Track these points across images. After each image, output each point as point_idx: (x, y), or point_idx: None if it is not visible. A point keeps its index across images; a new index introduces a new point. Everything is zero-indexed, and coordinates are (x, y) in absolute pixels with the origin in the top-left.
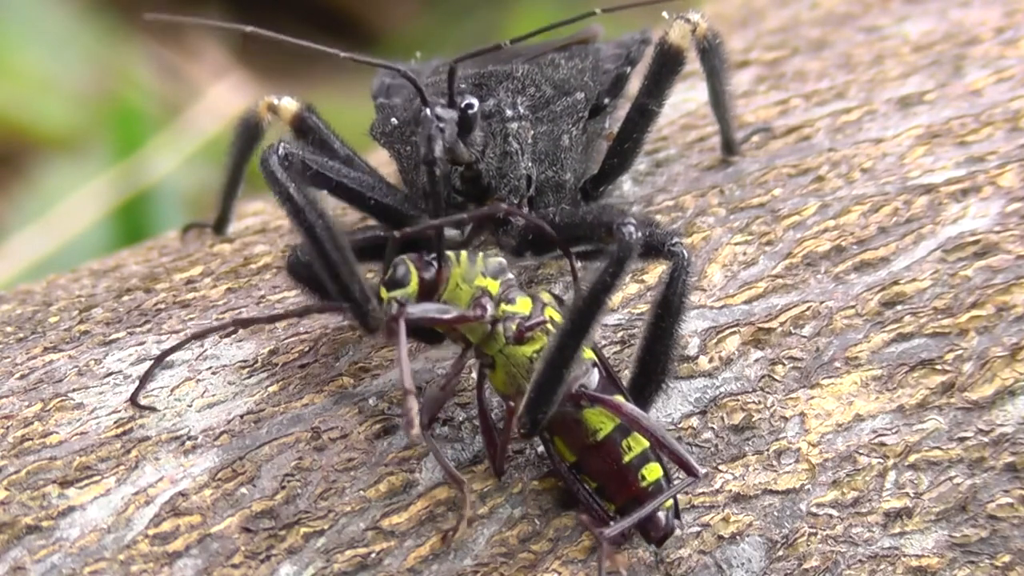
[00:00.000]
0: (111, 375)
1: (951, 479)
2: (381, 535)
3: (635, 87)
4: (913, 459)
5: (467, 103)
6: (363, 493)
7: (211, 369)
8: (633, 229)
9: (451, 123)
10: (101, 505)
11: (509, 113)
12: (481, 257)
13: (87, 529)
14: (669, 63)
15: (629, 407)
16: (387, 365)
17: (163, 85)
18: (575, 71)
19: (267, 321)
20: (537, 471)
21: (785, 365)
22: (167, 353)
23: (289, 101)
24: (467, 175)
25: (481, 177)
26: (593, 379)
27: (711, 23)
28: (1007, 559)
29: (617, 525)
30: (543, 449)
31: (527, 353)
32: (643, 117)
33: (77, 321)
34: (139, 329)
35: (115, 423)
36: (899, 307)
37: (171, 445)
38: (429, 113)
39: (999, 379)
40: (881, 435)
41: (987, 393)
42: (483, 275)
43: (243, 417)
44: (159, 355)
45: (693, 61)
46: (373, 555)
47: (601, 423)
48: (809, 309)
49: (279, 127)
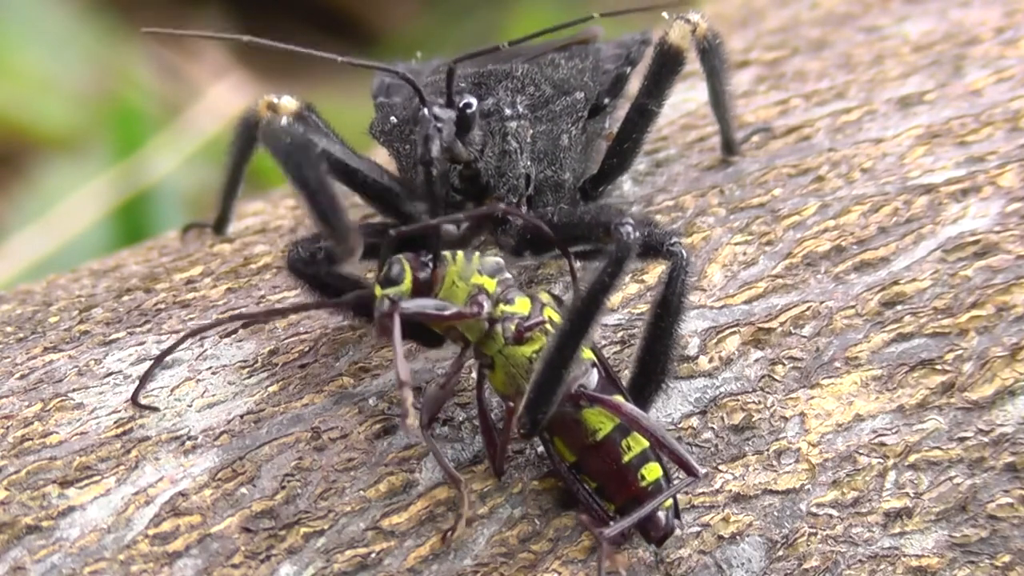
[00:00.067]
0: (111, 375)
1: (951, 479)
2: (381, 535)
3: (635, 87)
4: (913, 459)
5: (466, 102)
6: (363, 493)
7: (211, 369)
8: (631, 229)
9: (449, 123)
10: (101, 505)
11: (508, 112)
12: (477, 256)
13: (87, 529)
14: (669, 63)
15: (628, 407)
16: (387, 365)
17: (163, 85)
18: (575, 71)
19: (264, 317)
20: (537, 471)
21: (785, 365)
22: (166, 352)
23: (289, 100)
24: (466, 173)
25: (480, 176)
26: (592, 379)
27: (711, 23)
28: (1007, 559)
29: (616, 525)
30: (543, 449)
31: (526, 353)
32: (643, 117)
33: (77, 321)
34: (139, 329)
35: (115, 423)
36: (899, 307)
37: (171, 445)
38: (427, 113)
39: (999, 379)
40: (881, 435)
41: (987, 393)
42: (479, 273)
43: (243, 417)
44: (159, 355)
45: (693, 61)
46: (373, 555)
47: (600, 423)
48: (809, 309)
49: None
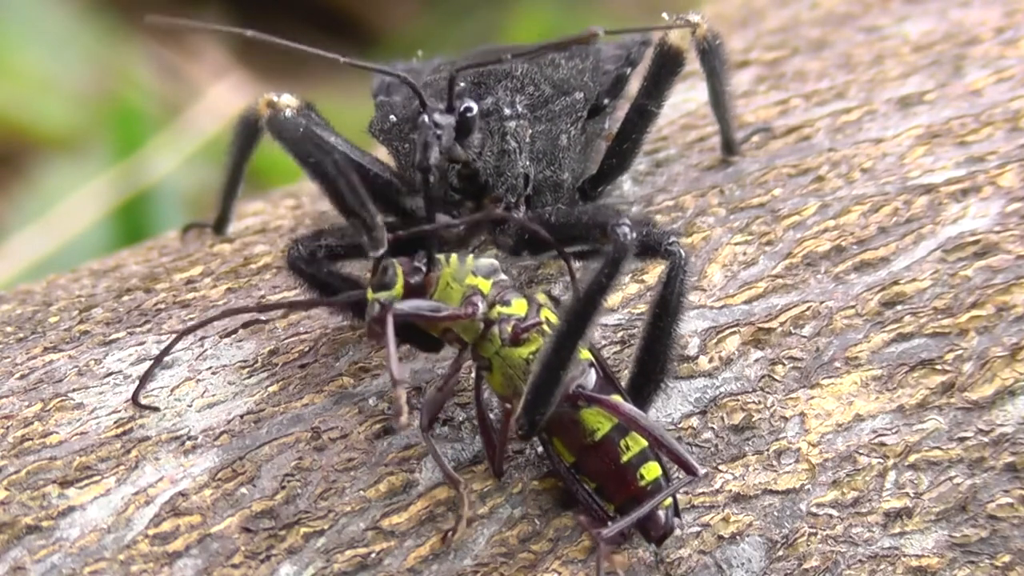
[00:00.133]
0: (111, 375)
1: (951, 479)
2: (381, 535)
3: (635, 88)
4: (913, 459)
5: (466, 107)
6: (363, 493)
7: (211, 369)
8: (628, 229)
9: (448, 128)
10: (101, 505)
11: (507, 112)
12: (471, 258)
13: (87, 529)
14: (669, 64)
15: (626, 407)
16: (386, 365)
17: (163, 85)
18: (574, 71)
19: (257, 308)
20: (537, 471)
21: (785, 365)
22: (164, 352)
23: (289, 98)
24: (464, 173)
25: (478, 175)
26: (590, 379)
27: (711, 24)
28: (1007, 559)
29: (615, 525)
30: (542, 449)
31: (523, 355)
32: (642, 118)
33: (77, 321)
34: (139, 329)
35: (115, 423)
36: (899, 307)
37: (171, 445)
38: (427, 120)
39: (999, 379)
40: (881, 435)
41: (987, 393)
42: (474, 274)
43: (243, 417)
44: (158, 354)
45: (693, 61)
46: (373, 555)
47: (599, 423)
48: (809, 309)
49: None
